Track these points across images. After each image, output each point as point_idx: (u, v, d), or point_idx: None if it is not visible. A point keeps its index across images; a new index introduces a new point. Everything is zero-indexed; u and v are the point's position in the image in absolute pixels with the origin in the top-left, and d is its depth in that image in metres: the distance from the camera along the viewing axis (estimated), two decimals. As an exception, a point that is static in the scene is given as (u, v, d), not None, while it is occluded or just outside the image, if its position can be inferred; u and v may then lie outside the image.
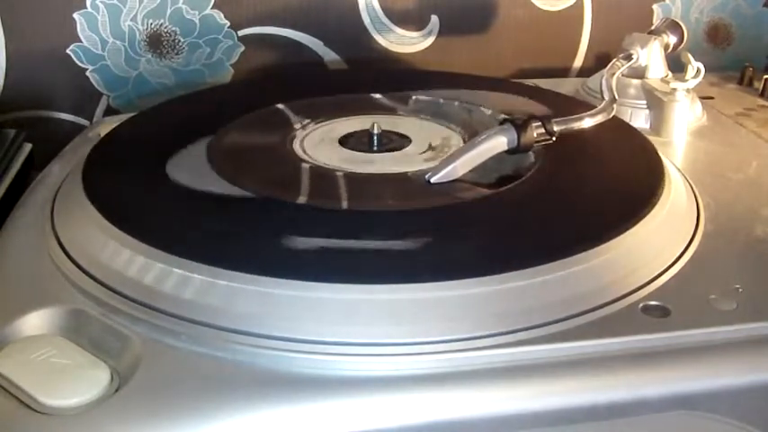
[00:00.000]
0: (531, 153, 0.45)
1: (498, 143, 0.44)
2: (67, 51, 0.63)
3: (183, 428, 0.29)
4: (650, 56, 0.56)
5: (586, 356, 0.33)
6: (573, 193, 0.43)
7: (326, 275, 0.34)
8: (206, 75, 0.67)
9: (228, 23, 0.66)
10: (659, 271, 0.37)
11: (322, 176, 0.44)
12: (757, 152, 0.51)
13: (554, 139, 0.45)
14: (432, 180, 0.43)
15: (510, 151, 0.44)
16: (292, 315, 0.33)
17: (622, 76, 0.56)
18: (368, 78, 0.61)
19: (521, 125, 0.44)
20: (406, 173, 0.45)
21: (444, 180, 0.43)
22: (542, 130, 0.44)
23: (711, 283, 0.37)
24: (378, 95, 0.57)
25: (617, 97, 0.50)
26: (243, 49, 0.67)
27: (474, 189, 0.43)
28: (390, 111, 0.54)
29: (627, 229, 0.38)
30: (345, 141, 0.49)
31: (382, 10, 0.68)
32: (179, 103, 0.57)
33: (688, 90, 0.54)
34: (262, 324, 0.33)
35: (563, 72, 0.73)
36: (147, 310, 0.34)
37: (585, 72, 0.68)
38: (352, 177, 0.44)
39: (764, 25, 0.75)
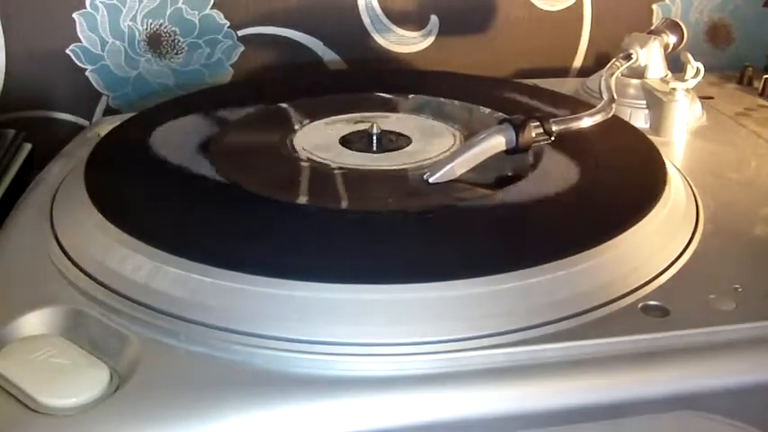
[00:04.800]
0: (530, 153, 0.45)
1: (497, 143, 0.44)
2: (67, 51, 0.63)
3: (182, 428, 0.29)
4: (650, 56, 0.56)
5: (586, 356, 0.33)
6: (573, 192, 0.43)
7: (325, 276, 0.34)
8: (206, 75, 0.67)
9: (228, 23, 0.66)
10: (659, 271, 0.37)
11: (321, 176, 0.44)
12: (757, 152, 0.51)
13: (552, 138, 0.45)
14: (430, 180, 0.43)
15: (508, 151, 0.44)
16: (291, 315, 0.33)
17: (622, 75, 0.56)
18: (368, 78, 0.61)
19: (519, 125, 0.44)
20: (405, 173, 0.45)
21: (443, 180, 0.43)
22: (541, 130, 0.44)
23: (711, 282, 0.37)
24: (378, 95, 0.57)
25: (616, 97, 0.50)
26: (243, 49, 0.67)
27: (473, 189, 0.43)
28: (390, 111, 0.54)
29: (626, 228, 0.38)
30: (345, 141, 0.49)
31: (382, 10, 0.68)
32: (179, 103, 0.57)
33: (688, 90, 0.54)
34: (261, 324, 0.33)
35: (563, 72, 0.73)
36: (147, 310, 0.34)
37: (585, 72, 0.68)
38: (351, 177, 0.44)
39: (764, 25, 0.75)
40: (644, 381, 0.32)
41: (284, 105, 0.54)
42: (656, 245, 0.38)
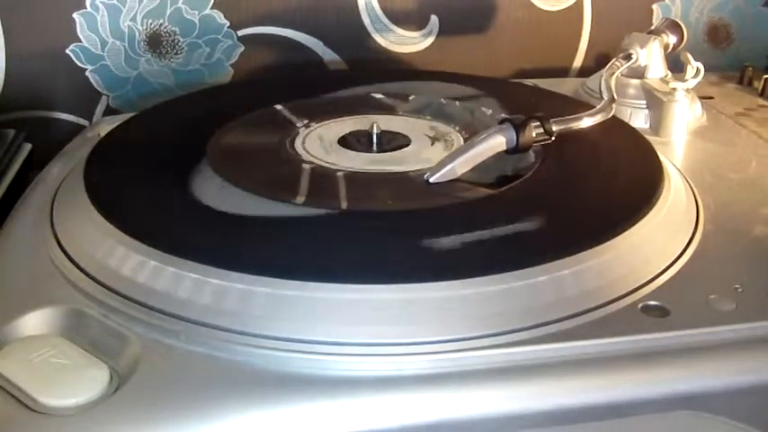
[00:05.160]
0: (530, 153, 0.45)
1: (497, 143, 0.44)
2: (67, 51, 0.63)
3: (182, 428, 0.29)
4: (650, 56, 0.56)
5: (586, 356, 0.33)
6: (572, 193, 0.43)
7: (326, 275, 0.34)
8: (206, 75, 0.67)
9: (228, 23, 0.66)
10: (659, 271, 0.37)
11: (321, 177, 0.44)
12: (757, 152, 0.51)
13: (553, 138, 0.45)
14: (431, 180, 0.43)
15: (509, 151, 0.44)
16: (291, 315, 0.33)
17: (622, 75, 0.56)
18: (368, 78, 0.61)
19: (519, 125, 0.44)
20: (405, 173, 0.45)
21: (443, 180, 0.43)
22: (541, 130, 0.44)
23: (711, 282, 0.37)
24: (378, 95, 0.57)
25: (616, 97, 0.50)
26: (243, 49, 0.67)
27: (473, 189, 0.43)
28: (390, 111, 0.54)
29: (626, 229, 0.38)
30: (345, 141, 0.49)
31: (382, 10, 0.68)
32: (179, 103, 0.57)
33: (688, 90, 0.54)
34: (261, 324, 0.33)
35: (563, 72, 0.73)
36: (146, 310, 0.34)
37: (585, 72, 0.68)
38: (351, 177, 0.44)
39: (764, 25, 0.75)
40: (644, 381, 0.32)
41: (284, 105, 0.54)
42: (655, 245, 0.38)
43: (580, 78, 0.65)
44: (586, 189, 0.43)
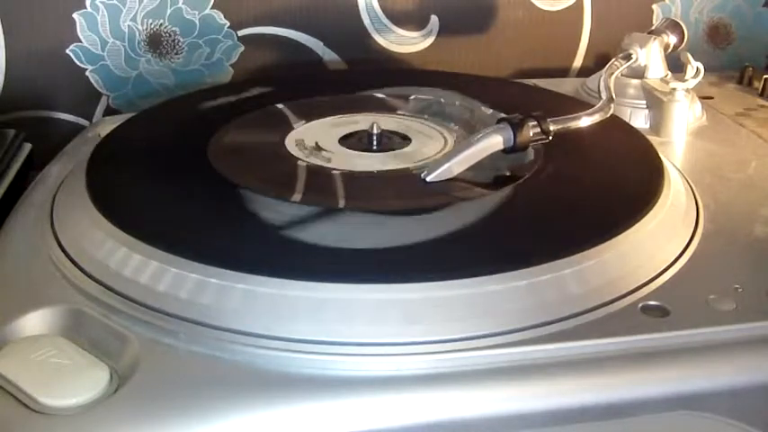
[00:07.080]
0: (530, 152, 0.45)
1: (494, 142, 0.44)
2: (67, 51, 0.63)
3: (183, 428, 0.29)
4: (650, 56, 0.56)
5: (586, 356, 0.33)
6: (572, 192, 0.43)
7: (326, 275, 0.34)
8: (206, 75, 0.67)
9: (228, 23, 0.66)
10: (658, 271, 0.37)
11: (321, 176, 0.44)
12: (757, 152, 0.51)
13: (550, 138, 0.45)
14: (427, 179, 0.43)
15: (506, 150, 0.44)
16: (291, 315, 0.33)
17: (622, 76, 0.56)
18: (368, 78, 0.61)
19: (517, 124, 0.44)
20: (404, 172, 0.45)
21: (440, 179, 0.43)
22: (538, 130, 0.44)
23: (711, 283, 0.37)
24: (378, 95, 0.57)
25: (614, 97, 0.50)
26: (243, 49, 0.67)
27: (471, 188, 0.43)
28: (390, 110, 0.54)
29: (626, 228, 0.38)
30: (345, 141, 0.49)
31: (382, 10, 0.68)
32: (179, 103, 0.57)
33: (688, 90, 0.54)
34: (261, 324, 0.33)
35: (563, 72, 0.73)
36: (147, 310, 0.34)
37: (585, 72, 0.68)
38: (351, 177, 0.44)
39: (764, 25, 0.75)
40: (644, 381, 0.32)
41: (284, 105, 0.54)
42: (655, 245, 0.38)
43: (580, 78, 0.65)
44: (586, 189, 0.43)
